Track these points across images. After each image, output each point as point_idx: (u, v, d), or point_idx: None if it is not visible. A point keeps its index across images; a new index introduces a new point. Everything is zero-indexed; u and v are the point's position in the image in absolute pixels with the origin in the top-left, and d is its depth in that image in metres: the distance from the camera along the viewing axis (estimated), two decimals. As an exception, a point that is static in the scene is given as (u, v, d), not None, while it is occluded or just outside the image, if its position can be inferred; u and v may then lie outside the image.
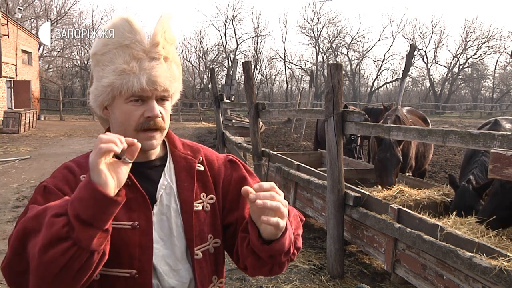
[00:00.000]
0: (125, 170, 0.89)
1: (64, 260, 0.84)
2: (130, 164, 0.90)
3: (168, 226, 1.07)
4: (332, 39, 46.15)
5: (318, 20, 46.37)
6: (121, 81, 1.02)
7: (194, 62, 45.55)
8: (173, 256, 1.06)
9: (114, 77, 1.02)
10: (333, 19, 46.29)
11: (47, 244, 0.84)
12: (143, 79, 1.01)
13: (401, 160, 4.61)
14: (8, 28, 18.69)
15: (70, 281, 0.87)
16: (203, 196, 1.13)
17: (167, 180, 1.10)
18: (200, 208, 1.11)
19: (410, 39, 44.84)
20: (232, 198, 1.16)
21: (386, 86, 49.66)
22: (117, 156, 0.89)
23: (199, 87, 44.43)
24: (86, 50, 41.99)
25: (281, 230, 0.95)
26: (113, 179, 0.86)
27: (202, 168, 1.15)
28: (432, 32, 45.29)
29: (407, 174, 5.32)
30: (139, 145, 0.91)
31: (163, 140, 1.15)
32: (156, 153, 1.13)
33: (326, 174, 4.00)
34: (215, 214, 1.14)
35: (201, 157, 1.17)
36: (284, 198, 0.96)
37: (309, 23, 47.00)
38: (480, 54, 44.03)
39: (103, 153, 0.84)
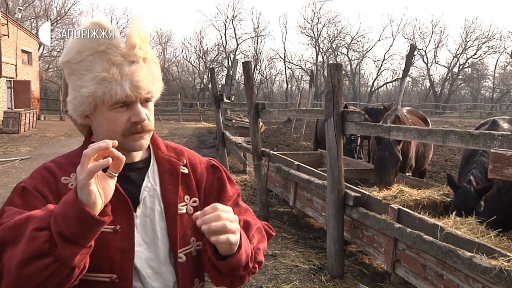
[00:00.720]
0: (111, 184, 0.88)
1: (43, 276, 0.82)
2: (116, 177, 0.89)
3: (152, 229, 1.06)
4: (332, 39, 46.19)
5: (318, 20, 46.44)
6: (103, 90, 0.98)
7: (194, 62, 45.58)
8: (156, 259, 1.05)
9: (95, 86, 0.99)
10: (333, 19, 46.37)
11: (27, 259, 0.81)
12: (126, 86, 0.98)
13: (401, 159, 4.61)
14: (8, 28, 18.69)
15: None
16: (187, 199, 1.12)
17: (151, 182, 1.09)
18: (184, 211, 1.10)
19: (410, 39, 44.89)
20: (213, 200, 1.14)
21: (386, 86, 49.71)
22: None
23: (199, 87, 44.42)
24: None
25: (235, 244, 0.95)
26: (100, 197, 0.84)
27: (186, 171, 1.14)
28: (432, 32, 45.36)
29: (407, 174, 5.32)
30: (124, 158, 0.88)
31: None
32: (139, 154, 1.10)
33: (326, 174, 4.00)
34: None
35: (185, 160, 1.16)
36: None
37: (309, 23, 47.08)
38: (480, 54, 44.10)
39: (93, 174, 0.82)
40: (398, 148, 4.62)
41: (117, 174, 0.89)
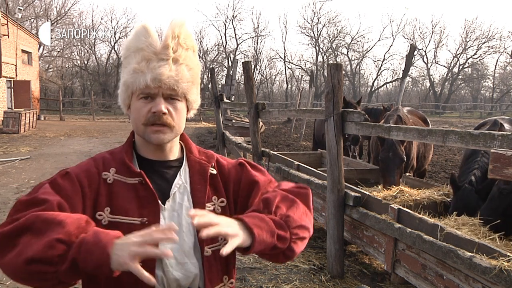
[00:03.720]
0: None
1: (40, 277, 0.92)
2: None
3: (178, 222, 1.12)
4: (332, 39, 46.16)
5: (318, 20, 46.39)
6: (131, 80, 1.11)
7: (194, 62, 45.48)
8: (180, 250, 1.10)
9: (128, 76, 1.13)
10: (333, 19, 46.31)
11: (36, 259, 0.91)
12: (148, 77, 1.09)
13: (405, 159, 4.60)
14: (8, 28, 18.69)
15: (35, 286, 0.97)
16: (215, 199, 1.18)
17: (182, 180, 1.17)
18: (212, 209, 1.16)
19: (410, 39, 44.86)
20: (243, 199, 1.21)
21: (386, 86, 49.69)
22: None
23: (199, 87, 44.38)
24: (86, 50, 42.02)
25: (245, 242, 1.01)
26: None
27: (214, 172, 1.21)
28: (432, 32, 45.34)
29: (408, 174, 5.32)
30: (171, 255, 0.94)
31: (181, 145, 1.23)
32: (173, 154, 1.19)
33: (326, 174, 4.00)
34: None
35: (213, 163, 1.23)
36: None
37: (309, 23, 47.03)
38: (480, 54, 44.06)
39: (139, 258, 0.89)
40: (402, 149, 4.62)
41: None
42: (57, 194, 1.04)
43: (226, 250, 0.95)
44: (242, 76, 6.76)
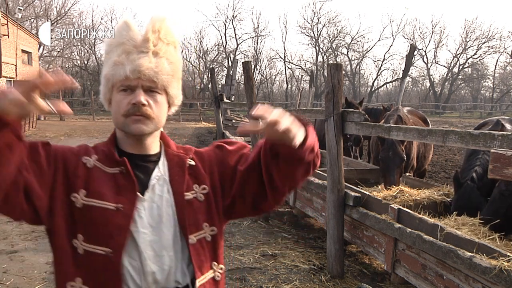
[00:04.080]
0: (34, 108, 0.90)
1: None
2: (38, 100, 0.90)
3: (158, 214, 1.13)
4: (332, 39, 46.13)
5: (318, 20, 46.37)
6: (112, 72, 1.13)
7: (194, 62, 45.57)
8: (159, 242, 1.11)
9: (108, 69, 1.14)
10: (333, 19, 46.26)
11: None
12: (127, 69, 1.10)
13: (405, 158, 4.59)
14: (8, 28, 18.69)
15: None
16: (196, 187, 1.19)
17: (161, 172, 1.18)
18: (193, 197, 1.17)
19: (410, 39, 44.84)
20: (232, 175, 1.22)
21: (386, 86, 49.66)
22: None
23: (199, 87, 44.43)
24: (86, 50, 42.03)
25: (295, 132, 0.99)
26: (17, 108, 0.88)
27: (193, 162, 1.22)
28: (432, 32, 45.31)
29: (408, 174, 5.32)
30: (70, 111, 0.96)
31: (160, 143, 1.23)
32: (152, 148, 1.20)
33: (326, 174, 4.00)
34: (210, 203, 1.20)
35: (192, 155, 1.24)
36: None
37: (309, 23, 46.99)
38: (480, 54, 44.03)
39: (31, 88, 0.87)
40: (402, 148, 4.60)
41: (54, 110, 0.93)
42: (32, 154, 1.05)
43: (298, 140, 0.99)
44: (242, 76, 6.77)
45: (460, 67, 45.23)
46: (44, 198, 1.06)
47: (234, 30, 45.87)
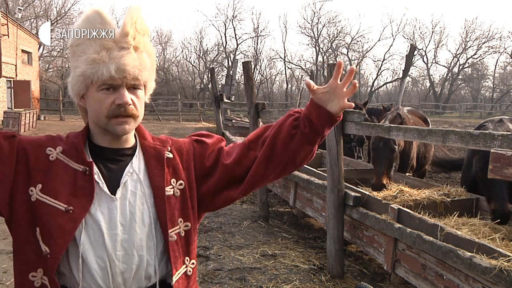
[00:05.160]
0: None
1: None
2: None
3: (130, 211, 1.09)
4: (332, 39, 46.10)
5: (318, 20, 46.32)
6: (91, 70, 1.06)
7: (194, 62, 45.50)
8: (130, 241, 1.08)
9: (86, 67, 1.07)
10: (333, 19, 46.22)
11: None
12: (111, 68, 1.05)
13: (395, 149, 4.53)
14: (8, 28, 18.68)
15: None
16: (173, 182, 1.17)
17: (133, 168, 1.13)
18: (171, 193, 1.15)
19: (410, 39, 44.81)
20: (209, 166, 1.23)
21: (386, 86, 49.62)
22: None
23: (199, 87, 44.39)
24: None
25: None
26: None
27: (171, 155, 1.19)
28: (432, 32, 45.28)
29: (408, 174, 5.31)
30: None
31: (134, 133, 1.19)
32: (128, 141, 1.16)
33: (326, 174, 4.00)
34: (185, 199, 1.18)
35: (169, 147, 1.21)
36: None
37: (309, 23, 46.95)
38: (480, 54, 44.01)
39: None
40: (394, 139, 4.55)
41: None
42: None
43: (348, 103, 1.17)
44: (242, 76, 6.77)
45: (460, 67, 45.21)
46: (3, 189, 1.04)
47: (234, 30, 45.87)
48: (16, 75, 20.79)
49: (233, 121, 13.53)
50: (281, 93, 50.92)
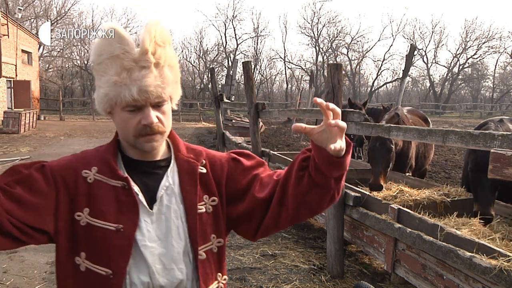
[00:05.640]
0: None
1: None
2: None
3: (166, 226, 1.09)
4: (332, 39, 46.12)
5: (318, 20, 46.35)
6: (114, 93, 1.05)
7: (194, 62, 45.57)
8: (168, 255, 1.08)
9: (108, 88, 1.06)
10: (333, 19, 46.26)
11: None
12: (133, 90, 1.03)
13: (392, 149, 4.51)
14: (8, 28, 18.68)
15: None
16: (206, 198, 1.15)
17: (169, 182, 1.12)
18: (204, 210, 1.13)
19: (410, 39, 44.83)
20: (240, 188, 1.18)
21: (386, 86, 49.65)
22: None
23: (199, 87, 44.41)
24: (86, 50, 41.99)
25: (342, 150, 1.01)
26: None
27: (204, 170, 1.17)
28: (432, 32, 45.31)
29: (407, 174, 5.31)
30: None
31: (168, 143, 1.18)
32: (161, 153, 1.15)
33: (326, 174, 3.99)
34: (218, 215, 1.16)
35: (203, 160, 1.18)
36: None
37: (309, 23, 46.98)
38: (480, 54, 44.05)
39: None
40: (391, 139, 4.54)
41: None
42: (23, 184, 1.03)
43: (335, 146, 0.98)
44: (242, 76, 6.77)
45: (460, 67, 45.24)
46: (49, 221, 1.04)
47: (234, 30, 45.91)
48: (16, 75, 20.79)
49: (233, 121, 13.54)
50: (281, 93, 50.93)
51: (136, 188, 1.09)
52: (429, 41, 45.94)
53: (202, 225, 1.12)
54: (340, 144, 0.99)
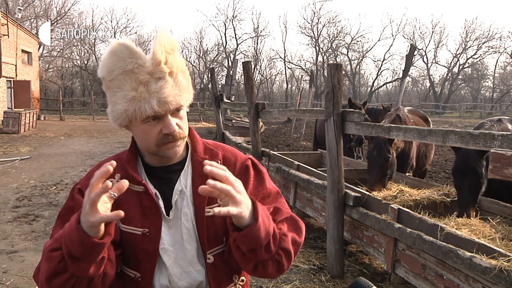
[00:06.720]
0: (109, 206, 0.94)
1: (68, 286, 0.97)
2: (116, 197, 0.94)
3: (181, 231, 1.12)
4: (332, 39, 46.13)
5: (318, 20, 46.37)
6: (133, 108, 1.05)
7: (194, 62, 45.58)
8: (184, 259, 1.11)
9: (126, 104, 1.05)
10: (333, 19, 46.30)
11: (50, 276, 0.97)
12: (154, 103, 1.03)
13: (388, 159, 4.49)
14: (8, 28, 18.69)
15: None
16: (219, 200, 1.14)
17: (181, 186, 1.14)
18: (212, 213, 1.12)
19: (410, 39, 44.85)
20: None
21: (386, 86, 49.69)
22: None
23: (199, 87, 44.41)
24: (86, 50, 42.02)
25: (242, 218, 0.95)
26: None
27: None
28: (432, 32, 45.34)
29: (408, 174, 5.31)
30: (127, 184, 0.94)
31: (186, 143, 1.19)
32: (178, 157, 1.16)
33: (326, 174, 4.00)
34: None
35: (218, 161, 1.17)
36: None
37: (309, 23, 47.03)
38: (480, 54, 44.07)
39: (95, 203, 0.90)
40: (389, 148, 4.51)
41: (117, 196, 0.94)
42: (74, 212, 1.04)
43: (219, 210, 0.92)
44: (242, 76, 6.77)
45: (460, 67, 45.26)
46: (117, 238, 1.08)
47: (234, 30, 45.99)
48: (16, 75, 20.80)
49: (233, 121, 13.55)
50: (281, 93, 50.95)
51: (156, 192, 1.12)
52: (429, 41, 46.14)
53: (214, 228, 1.12)
54: (228, 209, 0.92)
